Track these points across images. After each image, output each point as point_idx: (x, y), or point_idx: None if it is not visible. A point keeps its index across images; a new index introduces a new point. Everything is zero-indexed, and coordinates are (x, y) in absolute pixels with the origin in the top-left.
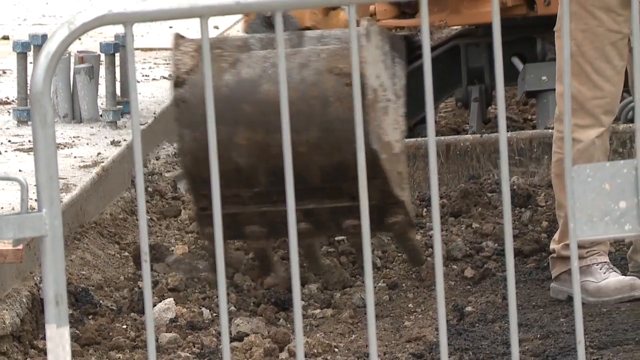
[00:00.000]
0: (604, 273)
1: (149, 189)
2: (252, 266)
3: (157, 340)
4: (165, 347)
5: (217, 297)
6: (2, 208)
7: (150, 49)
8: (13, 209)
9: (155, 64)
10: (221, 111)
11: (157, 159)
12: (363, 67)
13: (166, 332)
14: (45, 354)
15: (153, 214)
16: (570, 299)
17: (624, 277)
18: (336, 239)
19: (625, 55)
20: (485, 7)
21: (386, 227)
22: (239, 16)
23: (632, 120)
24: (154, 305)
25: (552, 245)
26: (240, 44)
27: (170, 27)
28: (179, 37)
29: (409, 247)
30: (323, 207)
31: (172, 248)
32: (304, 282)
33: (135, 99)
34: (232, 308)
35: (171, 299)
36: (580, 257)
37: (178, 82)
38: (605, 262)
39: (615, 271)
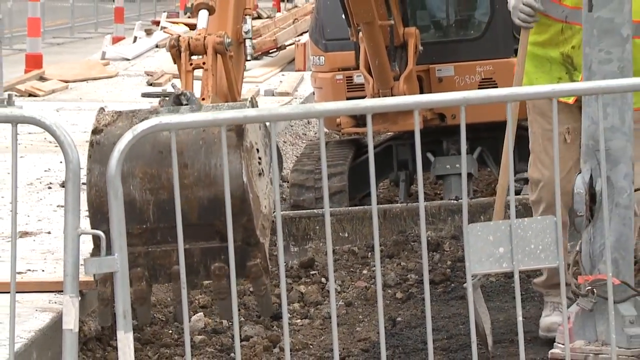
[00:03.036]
0: (549, 311)
1: None
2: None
3: (192, 340)
4: (197, 345)
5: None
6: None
7: None
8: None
9: None
10: (127, 150)
11: None
12: (245, 126)
13: (198, 335)
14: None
15: None
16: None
17: (548, 318)
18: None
19: (561, 148)
20: (412, 119)
21: (245, 270)
22: None
23: None
24: (190, 317)
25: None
26: (152, 110)
27: None
28: (101, 109)
29: (262, 293)
30: (196, 247)
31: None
32: (289, 302)
33: (177, 185)
34: (242, 319)
35: (201, 313)
36: (540, 296)
37: (97, 130)
38: (554, 302)
39: (559, 310)
